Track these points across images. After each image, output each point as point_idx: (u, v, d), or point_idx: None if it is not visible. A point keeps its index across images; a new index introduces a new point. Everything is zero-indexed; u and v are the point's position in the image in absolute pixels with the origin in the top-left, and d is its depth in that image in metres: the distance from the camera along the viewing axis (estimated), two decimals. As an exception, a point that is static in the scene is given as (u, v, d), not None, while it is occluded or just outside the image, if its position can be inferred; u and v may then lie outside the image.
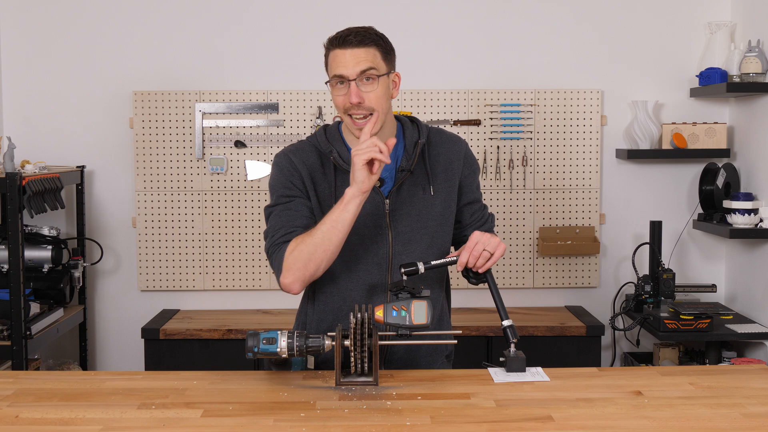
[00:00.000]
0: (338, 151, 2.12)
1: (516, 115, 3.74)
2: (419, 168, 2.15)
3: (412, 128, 2.18)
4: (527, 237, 3.80)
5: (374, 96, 2.04)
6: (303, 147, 2.17)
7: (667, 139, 3.67)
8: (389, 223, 2.11)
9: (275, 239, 2.06)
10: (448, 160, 2.18)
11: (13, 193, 3.05)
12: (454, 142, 2.21)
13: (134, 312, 3.78)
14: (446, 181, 2.17)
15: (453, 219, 2.19)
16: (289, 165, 2.12)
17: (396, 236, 2.11)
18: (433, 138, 2.19)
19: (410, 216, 2.12)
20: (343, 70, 2.03)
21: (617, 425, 1.68)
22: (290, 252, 2.02)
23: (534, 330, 3.46)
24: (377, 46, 2.06)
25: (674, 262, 3.78)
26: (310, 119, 3.73)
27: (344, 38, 2.04)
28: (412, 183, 2.13)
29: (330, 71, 2.08)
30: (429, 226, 2.14)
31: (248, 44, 3.75)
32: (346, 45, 2.03)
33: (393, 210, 2.11)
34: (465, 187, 2.21)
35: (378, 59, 2.06)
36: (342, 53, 2.03)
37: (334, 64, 2.05)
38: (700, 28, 3.74)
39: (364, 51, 2.03)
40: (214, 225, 3.77)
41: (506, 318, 2.04)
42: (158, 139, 3.73)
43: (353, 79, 2.02)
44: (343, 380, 1.92)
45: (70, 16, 3.73)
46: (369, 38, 2.05)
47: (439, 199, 2.15)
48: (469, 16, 3.75)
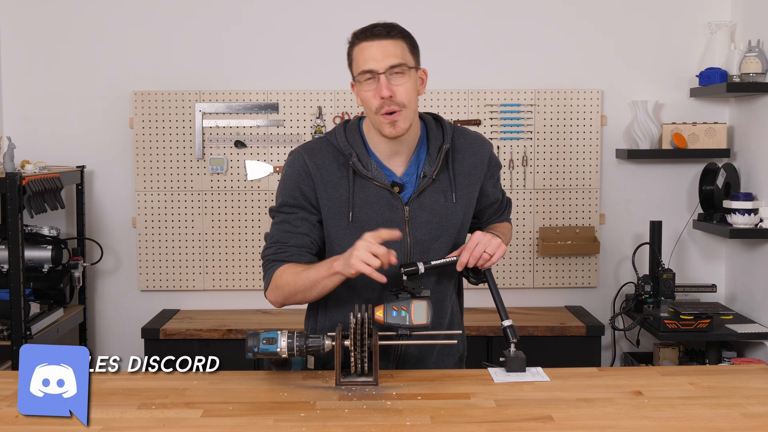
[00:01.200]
0: (358, 155, 2.03)
1: (516, 115, 3.74)
2: (443, 174, 2.07)
3: (436, 130, 2.10)
4: (527, 237, 3.80)
5: (404, 90, 1.96)
6: (320, 147, 2.07)
7: (667, 139, 3.67)
8: (408, 231, 2.05)
9: (268, 254, 2.08)
10: (472, 165, 2.11)
11: (13, 193, 3.05)
12: (479, 145, 2.13)
13: (134, 312, 3.78)
14: (468, 187, 2.11)
15: (469, 223, 2.16)
16: (301, 169, 2.04)
17: (415, 244, 2.06)
18: (458, 141, 2.11)
19: (430, 224, 2.06)
20: (372, 64, 1.95)
21: (617, 425, 1.68)
22: (277, 278, 2.04)
23: (534, 330, 3.46)
24: (405, 38, 2.00)
25: (674, 262, 3.78)
26: (310, 119, 3.73)
27: (371, 30, 1.97)
28: (434, 189, 2.06)
29: (356, 67, 1.99)
30: (449, 234, 2.09)
31: (248, 44, 3.75)
32: (373, 37, 1.96)
33: (413, 217, 2.05)
34: (487, 188, 2.17)
35: (406, 53, 1.99)
36: (369, 45, 1.96)
37: (362, 59, 1.97)
38: (700, 28, 3.74)
39: (392, 43, 1.97)
40: (214, 225, 3.77)
41: (506, 318, 2.04)
42: (158, 139, 3.73)
43: (383, 73, 1.95)
44: (343, 380, 1.92)
45: (70, 17, 3.73)
46: (396, 30, 1.99)
47: (460, 206, 2.09)
48: (469, 15, 3.75)
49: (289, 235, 2.06)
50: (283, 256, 2.05)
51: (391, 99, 1.96)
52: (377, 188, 2.03)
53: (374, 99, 1.97)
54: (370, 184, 2.03)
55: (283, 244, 2.06)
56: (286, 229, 2.07)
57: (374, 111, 1.98)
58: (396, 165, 2.07)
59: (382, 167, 2.06)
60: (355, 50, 1.99)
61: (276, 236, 2.08)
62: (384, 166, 2.06)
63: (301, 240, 2.06)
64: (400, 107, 1.97)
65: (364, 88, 1.98)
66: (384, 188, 2.03)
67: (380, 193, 2.03)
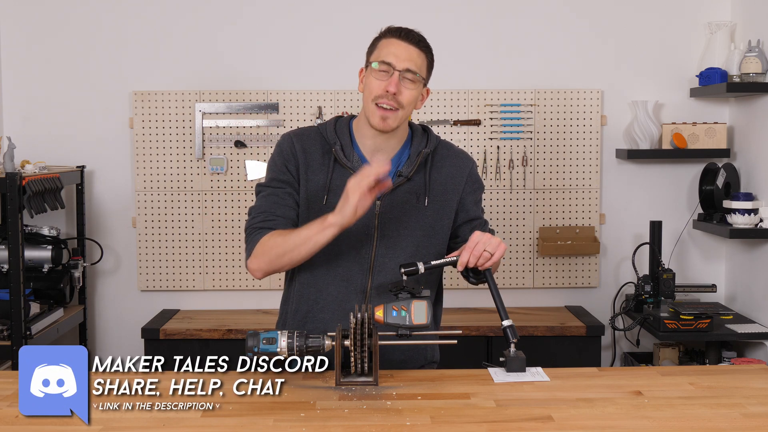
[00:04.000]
0: (342, 144, 2.13)
1: (516, 115, 3.74)
2: (418, 177, 2.15)
3: (421, 137, 2.19)
4: (527, 237, 3.80)
5: (408, 94, 2.07)
6: (309, 133, 2.18)
7: (667, 139, 3.67)
8: (377, 224, 2.11)
9: (255, 222, 2.11)
10: (450, 176, 2.18)
11: (13, 193, 3.05)
12: (461, 159, 2.22)
13: (134, 312, 3.78)
14: (443, 195, 2.16)
15: (445, 233, 2.18)
16: (289, 149, 2.14)
17: (381, 238, 2.11)
18: (441, 151, 2.20)
19: (399, 221, 2.13)
20: (393, 59, 2.06)
21: (617, 425, 1.68)
22: (264, 242, 2.06)
23: (534, 330, 3.46)
24: (428, 54, 2.13)
25: (674, 262, 3.78)
26: (310, 119, 3.73)
27: (407, 33, 2.09)
28: (407, 190, 2.14)
29: (377, 55, 2.09)
30: (415, 235, 2.14)
31: (248, 44, 3.75)
32: (406, 39, 2.08)
33: (383, 212, 2.12)
34: (466, 204, 2.20)
35: (423, 66, 2.11)
36: (398, 44, 2.07)
37: (386, 51, 2.07)
38: (700, 28, 3.74)
39: (417, 52, 2.08)
40: (214, 225, 3.77)
41: (506, 318, 2.04)
42: (158, 139, 3.73)
43: (399, 71, 2.05)
44: (343, 380, 1.92)
45: (70, 17, 3.73)
46: (425, 44, 2.12)
47: (431, 210, 2.15)
48: (469, 15, 3.75)
49: (276, 206, 2.12)
50: (270, 224, 2.09)
51: (394, 96, 2.05)
52: None
53: (379, 89, 2.07)
54: (349, 173, 2.09)
55: (270, 213, 2.11)
56: (273, 201, 2.12)
57: (372, 98, 2.07)
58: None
59: (364, 161, 2.14)
60: (383, 42, 2.11)
61: (264, 206, 2.12)
62: (366, 160, 2.14)
63: (288, 212, 2.12)
64: (398, 107, 2.06)
65: (376, 75, 2.08)
66: None
67: None
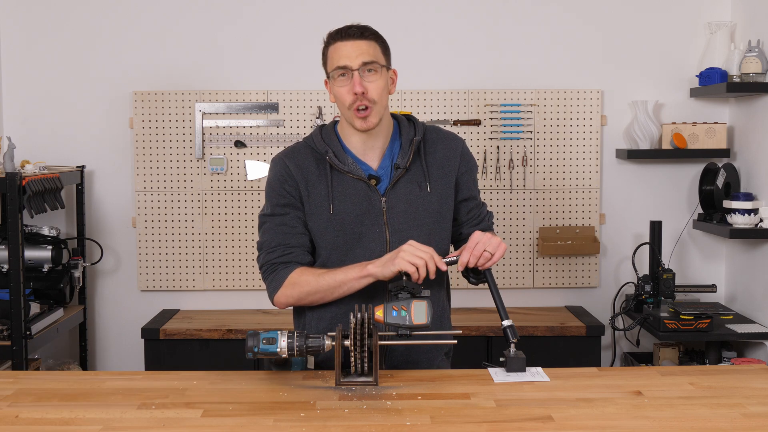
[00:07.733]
0: (334, 151, 2.13)
1: (516, 115, 3.74)
2: (415, 165, 2.16)
3: (408, 126, 2.20)
4: (527, 237, 3.80)
5: (375, 87, 2.07)
6: (299, 149, 2.18)
7: (667, 139, 3.67)
8: (386, 220, 2.12)
9: (273, 258, 2.11)
10: (445, 157, 2.19)
11: (13, 193, 3.05)
12: (450, 140, 2.23)
13: (134, 312, 3.79)
14: (443, 178, 2.17)
15: (450, 216, 2.20)
16: (283, 171, 2.14)
17: (393, 233, 2.12)
18: (430, 135, 2.21)
19: (407, 213, 2.13)
20: (346, 61, 2.05)
21: (617, 425, 1.68)
22: (295, 278, 2.08)
23: (534, 330, 3.46)
24: (377, 40, 2.12)
25: (674, 262, 3.78)
26: (310, 119, 3.73)
27: (346, 31, 2.09)
28: (408, 180, 2.14)
29: (331, 64, 2.09)
30: (425, 222, 2.14)
31: (248, 44, 3.75)
32: (348, 37, 2.07)
33: (390, 207, 2.12)
34: (461, 183, 2.21)
35: (378, 53, 2.10)
36: (344, 45, 2.07)
37: (336, 57, 2.07)
38: (700, 28, 3.74)
39: (365, 43, 2.08)
40: (214, 225, 3.77)
41: (506, 318, 2.04)
42: (158, 139, 3.73)
43: (356, 69, 2.05)
44: (343, 380, 1.92)
45: (70, 17, 3.73)
46: (369, 32, 2.11)
47: (435, 195, 2.16)
48: (469, 15, 3.75)
49: (289, 236, 2.12)
50: (290, 257, 2.11)
51: (363, 95, 2.05)
52: (354, 181, 2.11)
53: (348, 95, 2.07)
54: (347, 177, 2.11)
55: (286, 246, 2.11)
56: (284, 231, 2.12)
57: (347, 106, 2.09)
58: (371, 159, 2.16)
59: (359, 162, 2.15)
60: (330, 49, 2.11)
61: (277, 239, 2.12)
62: (360, 160, 2.15)
63: (301, 239, 2.13)
64: (371, 104, 2.07)
65: (338, 84, 2.08)
66: (361, 180, 2.11)
67: (357, 186, 2.11)
